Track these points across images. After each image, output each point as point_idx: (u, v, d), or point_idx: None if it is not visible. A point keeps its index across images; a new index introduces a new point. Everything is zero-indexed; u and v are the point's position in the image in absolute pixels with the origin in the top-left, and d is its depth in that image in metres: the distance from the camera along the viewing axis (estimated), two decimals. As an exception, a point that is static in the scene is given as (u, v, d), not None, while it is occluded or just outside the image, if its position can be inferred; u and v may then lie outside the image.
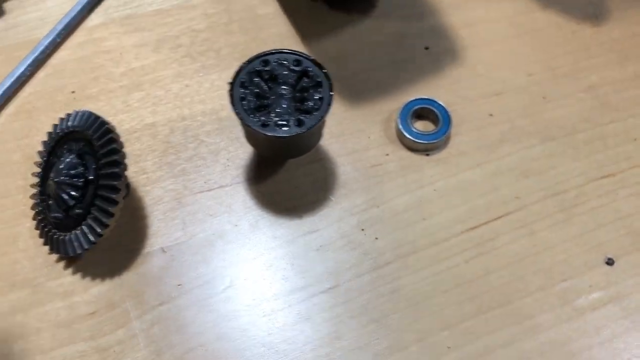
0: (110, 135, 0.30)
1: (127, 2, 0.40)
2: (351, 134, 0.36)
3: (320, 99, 0.30)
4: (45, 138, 0.35)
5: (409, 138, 0.35)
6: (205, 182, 0.34)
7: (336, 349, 0.31)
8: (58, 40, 0.38)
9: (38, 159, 0.34)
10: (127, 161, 0.30)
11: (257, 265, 0.32)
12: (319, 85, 0.30)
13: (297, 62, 0.31)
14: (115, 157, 0.29)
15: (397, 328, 0.31)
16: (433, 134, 0.35)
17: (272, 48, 0.31)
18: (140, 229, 0.33)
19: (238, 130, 0.36)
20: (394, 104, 0.37)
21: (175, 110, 0.36)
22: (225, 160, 0.35)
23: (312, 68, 0.30)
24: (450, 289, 0.32)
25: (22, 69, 0.37)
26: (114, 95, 0.37)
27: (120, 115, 0.36)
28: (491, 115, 0.37)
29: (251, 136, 0.31)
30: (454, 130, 0.36)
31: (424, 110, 0.36)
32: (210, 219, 0.33)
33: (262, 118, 0.30)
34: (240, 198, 0.34)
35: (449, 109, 0.36)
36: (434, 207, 0.34)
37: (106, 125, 0.30)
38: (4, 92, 0.36)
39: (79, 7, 0.39)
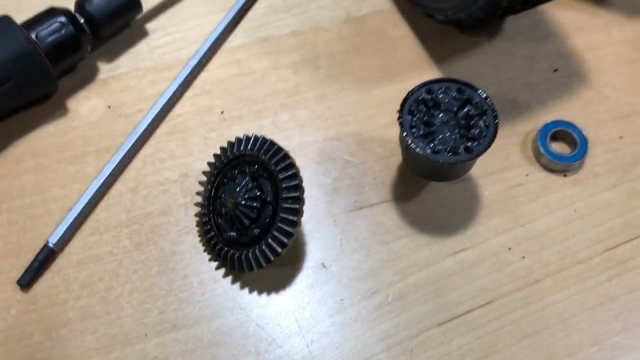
0: (289, 161, 0.31)
1: (263, 23, 0.42)
2: (490, 155, 0.37)
3: (487, 126, 0.31)
4: (199, 157, 0.37)
5: (549, 159, 0.36)
6: (355, 201, 0.36)
7: (494, 362, 0.32)
8: (203, 61, 0.40)
9: (196, 178, 0.36)
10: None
11: (411, 283, 0.34)
12: (484, 113, 0.32)
13: (460, 91, 0.32)
14: (295, 182, 0.31)
15: (549, 343, 0.33)
16: (572, 156, 0.37)
17: (436, 76, 0.33)
18: (300, 245, 0.35)
19: (382, 150, 0.38)
20: (528, 125, 0.38)
21: (321, 131, 0.38)
22: (372, 179, 0.37)
23: (476, 97, 0.32)
24: (596, 306, 0.34)
25: (173, 88, 0.38)
26: (261, 116, 0.39)
27: (270, 136, 0.37)
28: (622, 137, 0.39)
29: (416, 161, 0.33)
30: (589, 151, 0.37)
31: (561, 133, 0.37)
32: (363, 236, 0.35)
33: (431, 145, 0.31)
34: (389, 216, 0.36)
35: (585, 132, 0.37)
36: (575, 227, 0.36)
37: (284, 151, 0.32)
38: (159, 112, 0.38)
39: (221, 28, 0.40)
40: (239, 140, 0.34)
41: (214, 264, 0.34)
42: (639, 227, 0.36)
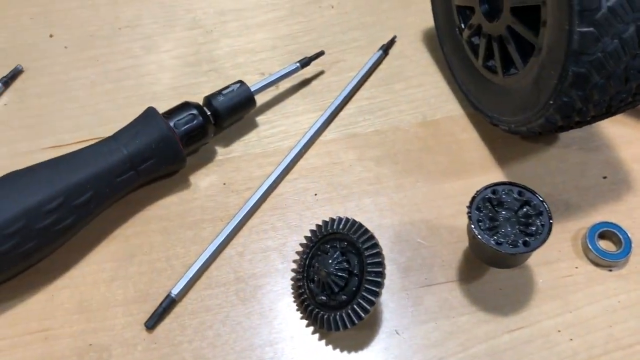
0: (374, 241, 0.38)
1: (352, 122, 0.50)
2: (545, 247, 0.43)
3: (543, 225, 0.38)
4: (295, 231, 0.44)
5: (596, 255, 0.42)
6: (425, 278, 0.43)
7: None
8: (302, 151, 0.48)
9: (291, 247, 0.43)
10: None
11: (470, 354, 0.40)
12: (540, 214, 0.38)
13: (521, 193, 0.39)
14: (379, 259, 0.38)
15: (592, 418, 0.38)
16: (617, 253, 0.42)
17: (503, 179, 0.40)
18: (376, 313, 0.41)
19: (450, 236, 0.44)
20: (579, 224, 0.44)
21: (397, 216, 0.45)
22: (440, 261, 0.43)
23: (534, 199, 0.38)
24: (636, 389, 0.39)
25: (277, 172, 0.46)
26: (348, 200, 0.46)
27: (354, 217, 0.44)
28: (663, 240, 0.44)
29: (480, 249, 0.39)
30: (633, 251, 0.43)
31: (608, 233, 0.43)
32: (431, 310, 0.41)
33: (495, 237, 0.38)
34: (454, 294, 0.42)
35: (629, 233, 0.43)
36: (619, 316, 0.41)
37: (370, 233, 0.39)
38: (265, 191, 0.46)
39: (317, 125, 0.49)
40: (332, 219, 0.41)
41: (305, 322, 0.41)
42: (676, 321, 0.41)
